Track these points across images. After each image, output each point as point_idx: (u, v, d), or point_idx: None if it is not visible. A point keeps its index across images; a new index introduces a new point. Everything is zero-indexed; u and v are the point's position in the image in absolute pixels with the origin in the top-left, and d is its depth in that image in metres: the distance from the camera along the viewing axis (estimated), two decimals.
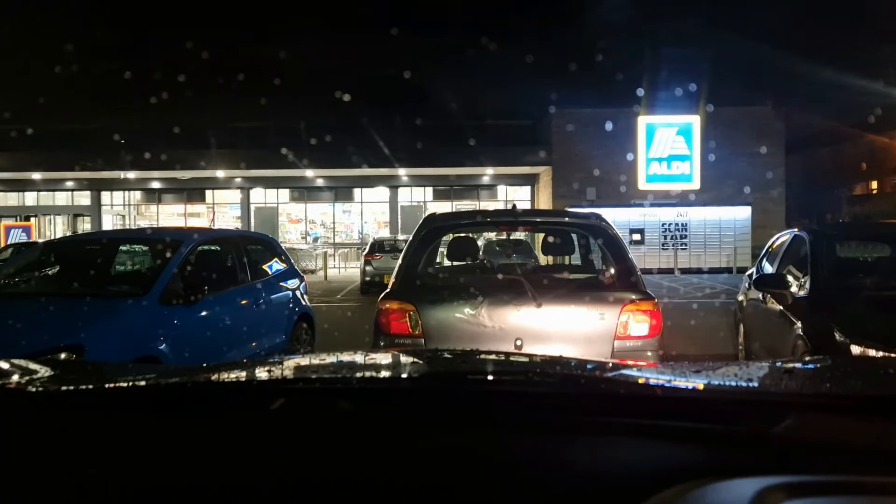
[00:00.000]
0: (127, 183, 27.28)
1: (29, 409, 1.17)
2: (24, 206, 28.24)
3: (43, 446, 1.04)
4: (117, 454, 1.00)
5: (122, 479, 0.95)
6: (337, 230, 28.91)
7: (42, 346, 4.19)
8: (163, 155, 22.72)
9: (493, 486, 0.92)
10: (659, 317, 4.26)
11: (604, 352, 4.16)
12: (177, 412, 1.12)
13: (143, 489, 0.93)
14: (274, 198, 28.54)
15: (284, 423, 1.06)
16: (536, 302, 4.16)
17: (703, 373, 1.31)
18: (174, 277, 5.37)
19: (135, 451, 1.01)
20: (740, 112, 23.22)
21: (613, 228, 4.79)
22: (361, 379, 1.30)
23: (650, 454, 0.96)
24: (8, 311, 5.01)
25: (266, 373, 1.39)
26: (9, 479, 0.96)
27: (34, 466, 0.99)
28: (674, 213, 22.74)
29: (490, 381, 1.30)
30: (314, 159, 23.18)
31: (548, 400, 1.13)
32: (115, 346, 4.57)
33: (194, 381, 1.29)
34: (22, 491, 0.94)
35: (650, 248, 22.44)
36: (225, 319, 5.95)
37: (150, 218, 28.74)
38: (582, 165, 22.98)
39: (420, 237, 4.78)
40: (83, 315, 4.79)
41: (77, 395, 1.21)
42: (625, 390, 1.22)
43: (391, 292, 4.45)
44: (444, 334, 4.23)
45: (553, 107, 23.75)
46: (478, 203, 27.86)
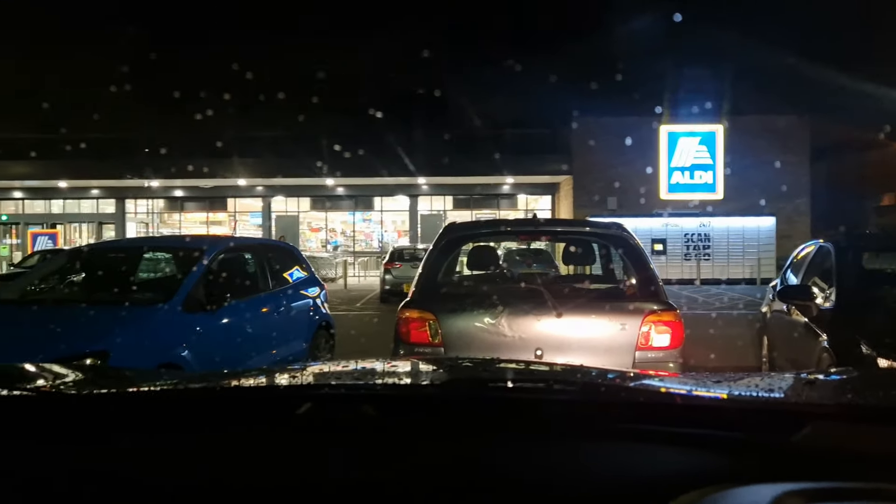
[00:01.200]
0: (150, 191, 27.63)
1: (57, 412, 1.19)
2: (50, 213, 28.69)
3: (71, 448, 1.05)
4: (144, 456, 1.01)
5: (149, 481, 0.96)
6: (357, 239, 29.03)
7: (68, 352, 4.24)
8: (188, 165, 23.01)
9: (514, 492, 0.92)
10: (681, 328, 4.22)
11: (625, 362, 4.12)
12: (204, 417, 1.13)
13: (170, 490, 0.94)
14: (295, 206, 28.74)
15: (310, 428, 1.07)
16: (557, 312, 4.15)
17: (724, 383, 1.30)
18: (197, 285, 5.43)
19: (162, 454, 1.02)
20: (764, 121, 22.99)
21: (635, 238, 4.76)
22: (385, 385, 1.31)
23: (669, 460, 0.96)
24: (35, 317, 5.10)
25: (291, 378, 1.41)
26: (37, 480, 0.97)
27: (63, 467, 1.00)
28: (696, 222, 22.56)
29: (511, 388, 1.31)
30: (335, 168, 23.32)
31: (568, 407, 1.13)
32: (139, 353, 4.62)
33: (222, 386, 1.31)
34: (51, 491, 0.95)
35: (672, 258, 22.27)
36: (246, 327, 5.99)
37: (172, 226, 29.05)
38: (603, 175, 22.87)
39: (440, 246, 4.79)
40: (108, 322, 4.86)
41: (105, 400, 1.23)
42: (645, 398, 1.22)
43: (411, 301, 4.46)
44: (464, 343, 4.22)
45: (574, 116, 23.70)
46: (498, 212, 27.82)
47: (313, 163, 22.83)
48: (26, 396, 1.26)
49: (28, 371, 1.45)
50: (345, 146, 22.03)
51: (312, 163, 22.84)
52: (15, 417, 1.16)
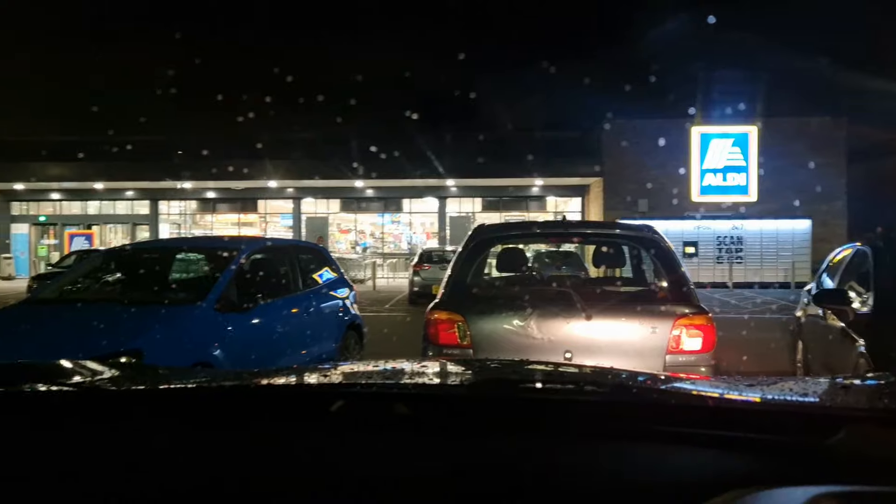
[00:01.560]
0: (183, 193, 28.05)
1: (94, 407, 1.22)
2: (86, 214, 29.27)
3: (108, 443, 1.07)
4: (179, 451, 1.03)
5: (184, 475, 0.98)
6: (386, 240, 29.16)
7: (103, 351, 4.32)
8: (220, 167, 23.36)
9: (543, 492, 0.92)
10: (713, 331, 4.17)
11: (655, 366, 4.09)
12: (238, 413, 1.15)
13: (205, 484, 0.96)
14: (324, 208, 28.96)
15: (343, 425, 1.08)
16: (586, 314, 4.12)
17: (757, 386, 1.29)
18: (229, 285, 5.50)
19: (196, 449, 1.04)
20: (799, 122, 22.58)
21: (666, 241, 4.72)
22: (416, 385, 1.32)
23: (701, 462, 0.95)
24: (72, 316, 5.21)
25: (323, 377, 1.42)
26: (75, 472, 1.00)
27: (99, 461, 1.03)
28: (729, 225, 22.25)
29: (541, 389, 1.31)
30: (365, 170, 23.47)
31: (599, 408, 1.13)
32: (173, 352, 4.70)
33: (256, 384, 1.33)
34: (89, 484, 0.98)
35: (704, 261, 22.00)
36: (277, 327, 6.06)
37: (204, 227, 29.44)
38: (634, 177, 22.67)
39: (469, 248, 4.79)
40: (142, 321, 4.95)
41: (141, 396, 1.25)
42: (676, 400, 1.21)
43: (440, 303, 4.46)
44: (493, 345, 4.22)
45: (604, 117, 23.53)
46: (527, 214, 27.72)
47: (343, 165, 23.00)
48: (65, 392, 1.29)
49: (66, 368, 1.49)
50: (375, 148, 22.16)
51: (342, 165, 23.02)
52: (54, 412, 1.19)
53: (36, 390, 1.25)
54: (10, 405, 1.20)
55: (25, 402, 1.22)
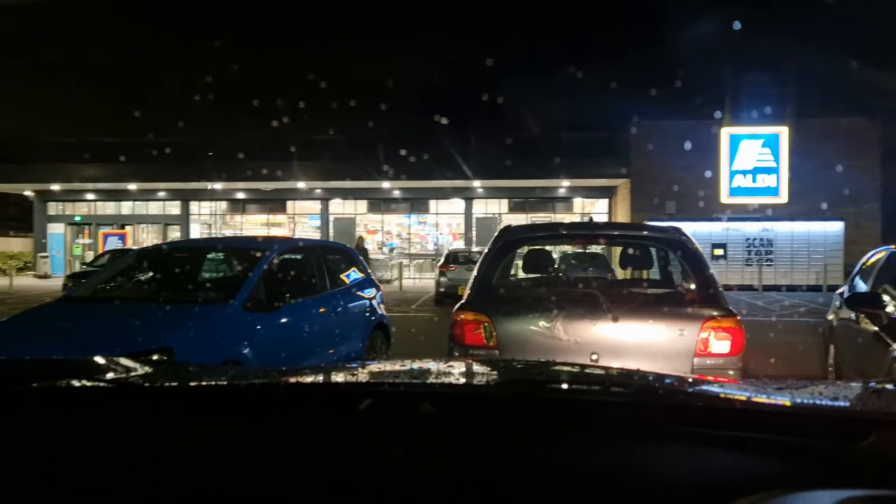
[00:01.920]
0: (214, 194, 28.42)
1: (127, 403, 1.25)
2: (119, 214, 29.80)
3: (142, 438, 1.10)
4: (211, 448, 1.06)
5: (215, 471, 1.00)
6: (412, 241, 29.22)
7: (135, 348, 4.40)
8: (251, 168, 23.63)
9: (568, 491, 0.93)
10: (741, 334, 4.13)
11: (683, 369, 4.06)
12: (268, 410, 1.18)
13: (234, 481, 0.98)
14: (352, 209, 29.12)
15: (371, 423, 1.10)
16: (613, 316, 4.11)
17: (786, 390, 1.28)
18: (258, 285, 5.57)
19: (227, 445, 1.06)
20: (831, 122, 22.17)
21: (694, 242, 4.68)
22: (442, 384, 1.34)
23: (728, 463, 0.95)
24: (106, 314, 5.31)
25: (351, 376, 1.45)
26: (111, 467, 1.03)
27: (134, 456, 1.06)
28: (758, 227, 21.92)
29: (567, 389, 1.31)
30: (392, 171, 23.56)
31: (625, 409, 1.14)
32: (203, 350, 4.77)
33: (285, 381, 1.35)
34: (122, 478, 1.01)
35: (733, 263, 21.71)
36: (304, 326, 6.12)
37: (234, 227, 29.78)
38: (661, 178, 22.45)
39: (495, 249, 4.79)
40: (173, 320, 5.03)
41: (175, 392, 1.29)
42: (703, 402, 1.21)
43: (466, 303, 4.47)
44: (519, 346, 4.22)
45: (631, 119, 23.35)
46: (553, 216, 27.59)
47: (371, 166, 23.12)
48: (100, 387, 1.32)
49: (100, 364, 1.52)
50: (402, 150, 22.24)
51: (370, 166, 23.14)
52: (89, 407, 1.22)
53: (71, 386, 1.29)
54: (45, 400, 1.24)
55: (61, 397, 1.25)
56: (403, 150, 22.09)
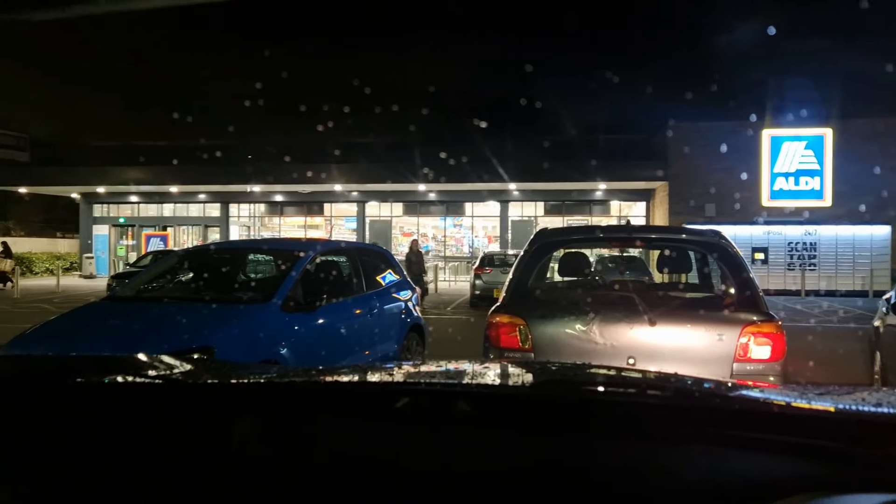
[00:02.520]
0: (252, 196, 28.87)
1: (170, 398, 1.28)
2: (162, 216, 30.46)
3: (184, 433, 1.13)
4: (253, 444, 1.08)
5: (257, 467, 1.03)
6: (447, 244, 29.27)
7: (176, 347, 4.49)
8: (289, 171, 23.95)
9: (603, 491, 0.93)
10: (782, 340, 4.05)
11: (722, 374, 4.00)
12: (307, 408, 1.20)
13: (276, 476, 1.01)
14: (388, 211, 29.30)
15: (407, 421, 1.12)
16: (650, 320, 4.07)
17: (827, 395, 1.26)
18: (296, 286, 5.64)
19: (268, 443, 1.09)
20: (877, 123, 21.55)
21: (734, 246, 4.61)
22: (479, 384, 1.35)
23: (765, 466, 0.95)
24: (148, 314, 5.44)
25: (388, 375, 1.47)
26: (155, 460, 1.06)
27: (176, 449, 1.09)
28: (801, 230, 21.44)
29: (603, 391, 1.31)
30: (428, 174, 23.65)
31: (661, 411, 1.13)
32: (242, 349, 4.85)
33: (324, 380, 1.38)
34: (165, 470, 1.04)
35: (774, 267, 21.28)
36: (341, 327, 6.18)
37: (272, 229, 30.20)
38: (700, 181, 22.12)
39: (531, 252, 4.78)
40: (213, 319, 5.13)
41: (216, 389, 1.32)
42: (740, 405, 1.20)
43: (501, 306, 4.47)
44: (555, 349, 4.20)
45: (670, 121, 23.05)
46: (590, 218, 27.40)
47: (407, 169, 23.25)
48: (144, 383, 1.36)
49: (143, 361, 1.56)
50: (438, 152, 22.31)
51: (406, 169, 23.27)
52: (133, 401, 1.26)
53: (115, 381, 1.33)
54: (91, 395, 1.28)
55: (106, 392, 1.29)
56: (440, 153, 22.15)
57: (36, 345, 4.80)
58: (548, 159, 23.02)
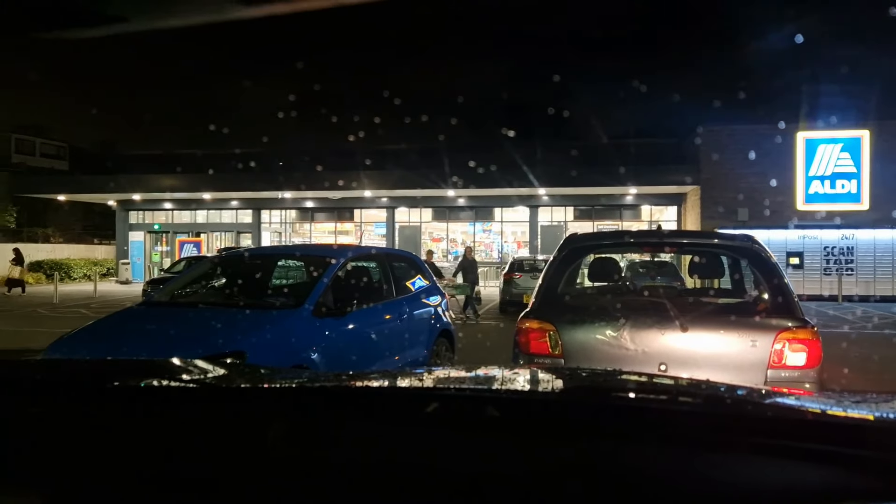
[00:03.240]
0: (284, 202, 29.19)
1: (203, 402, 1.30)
2: (195, 223, 30.94)
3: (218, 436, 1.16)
4: (284, 448, 1.10)
5: (290, 470, 1.05)
6: (477, 249, 29.24)
7: (210, 351, 4.57)
8: (319, 178, 24.18)
9: (632, 499, 0.93)
10: (818, 346, 3.98)
11: (756, 381, 3.94)
12: (338, 412, 1.21)
13: (308, 480, 1.02)
14: (417, 216, 29.39)
15: (437, 425, 1.13)
16: (682, 326, 4.02)
17: (864, 403, 1.24)
18: (326, 291, 5.69)
19: (300, 447, 1.10)
20: None
21: (767, 251, 4.54)
22: (508, 390, 1.35)
23: (800, 475, 0.93)
24: (182, 319, 5.53)
25: (418, 380, 1.48)
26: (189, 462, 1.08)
27: (211, 453, 1.11)
28: (838, 234, 20.98)
29: (634, 398, 1.30)
30: (457, 179, 23.69)
31: (692, 418, 1.12)
32: (273, 354, 4.91)
33: (355, 384, 1.39)
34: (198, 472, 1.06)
35: (810, 273, 20.85)
36: (370, 332, 6.22)
37: (303, 235, 30.47)
38: (733, 185, 21.80)
39: (561, 257, 4.76)
40: (245, 324, 5.20)
41: (250, 393, 1.34)
42: (773, 413, 1.18)
43: (531, 311, 4.46)
44: (585, 355, 4.18)
45: (701, 124, 22.78)
46: (620, 223, 27.17)
47: (436, 175, 23.31)
48: (179, 387, 1.39)
49: (177, 365, 1.59)
50: (467, 158, 22.34)
51: (435, 175, 23.33)
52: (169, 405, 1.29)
53: (150, 385, 1.36)
54: (127, 398, 1.31)
55: (142, 396, 1.32)
56: (469, 159, 22.17)
57: (75, 348, 4.91)
58: (578, 164, 22.91)
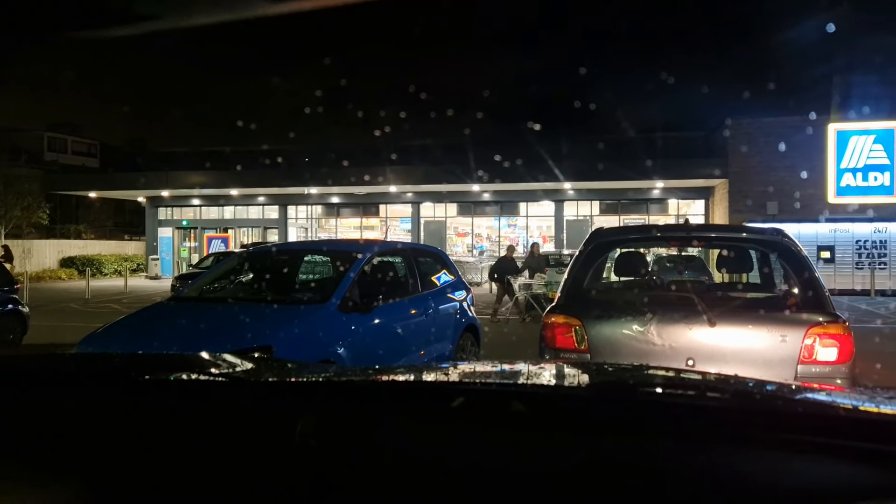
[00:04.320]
0: (310, 198, 29.39)
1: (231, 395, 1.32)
2: (222, 219, 31.29)
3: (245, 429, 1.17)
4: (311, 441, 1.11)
5: (316, 464, 1.06)
6: (502, 244, 29.17)
7: (239, 346, 4.61)
8: (344, 173, 24.30)
9: (660, 494, 0.92)
10: (850, 342, 3.91)
11: (786, 377, 3.89)
12: (365, 406, 1.22)
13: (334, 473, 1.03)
14: (442, 212, 29.40)
15: (463, 420, 1.13)
16: (710, 320, 3.98)
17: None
18: (352, 286, 5.72)
19: (327, 440, 1.11)
20: None
21: (797, 244, 4.47)
22: (534, 385, 1.35)
23: (830, 472, 0.92)
24: (210, 314, 5.60)
25: (444, 375, 1.48)
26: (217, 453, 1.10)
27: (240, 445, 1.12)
28: (870, 228, 20.58)
29: (661, 393, 1.29)
30: (482, 174, 23.66)
31: (721, 414, 1.11)
32: (299, 349, 4.95)
33: (381, 378, 1.40)
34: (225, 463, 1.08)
35: (841, 267, 20.50)
36: (396, 327, 6.24)
37: (329, 230, 30.66)
38: (761, 178, 21.47)
39: (587, 252, 4.73)
40: (272, 319, 5.25)
41: (278, 387, 1.36)
42: (804, 409, 1.17)
43: (557, 306, 4.44)
44: (611, 350, 4.15)
45: (729, 117, 22.45)
46: (647, 218, 26.91)
47: (461, 170, 23.29)
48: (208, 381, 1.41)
49: (206, 359, 1.62)
50: (492, 153, 22.28)
51: (461, 170, 23.31)
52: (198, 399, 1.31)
53: (180, 378, 1.38)
54: (158, 391, 1.33)
55: (172, 389, 1.34)
56: (494, 154, 22.11)
57: (106, 342, 5.01)
58: (604, 158, 22.72)
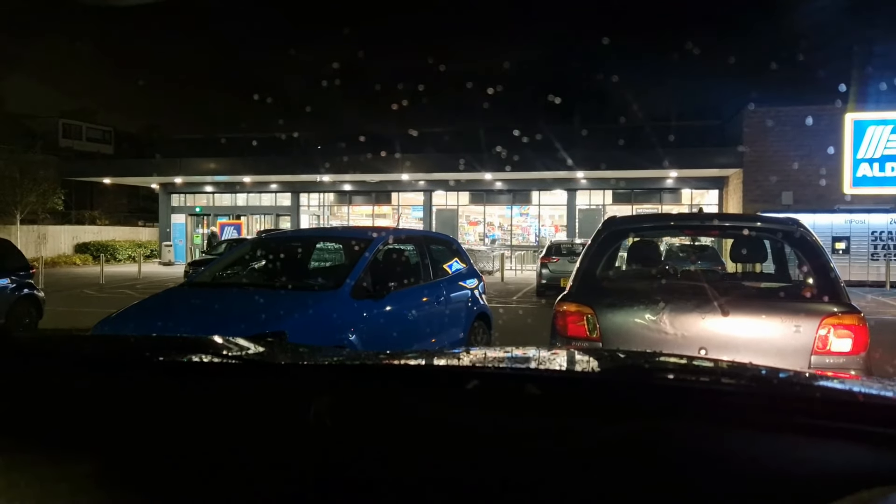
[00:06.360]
0: (322, 186, 29.45)
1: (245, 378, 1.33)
2: (235, 206, 31.43)
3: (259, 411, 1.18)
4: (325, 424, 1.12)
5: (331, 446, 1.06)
6: (514, 233, 29.14)
7: (250, 331, 4.65)
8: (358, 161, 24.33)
9: (674, 477, 0.92)
10: (865, 332, 3.88)
11: (799, 367, 3.86)
12: (379, 389, 1.23)
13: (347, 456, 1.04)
14: (454, 200, 29.37)
15: (477, 403, 1.13)
16: (723, 310, 3.96)
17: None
18: (364, 273, 5.74)
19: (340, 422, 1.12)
20: None
21: (812, 235, 4.43)
22: (548, 369, 1.35)
23: (847, 456, 0.92)
24: (223, 299, 5.63)
25: (457, 359, 1.48)
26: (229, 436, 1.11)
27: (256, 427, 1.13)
28: (886, 219, 20.38)
29: (675, 377, 1.29)
30: (494, 163, 23.60)
31: (736, 398, 1.11)
32: (311, 335, 4.97)
33: (395, 362, 1.41)
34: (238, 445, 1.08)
35: (857, 258, 20.32)
36: (408, 314, 6.26)
37: (341, 218, 30.73)
38: (777, 168, 21.28)
39: (599, 240, 4.72)
40: (285, 305, 5.28)
41: (290, 369, 1.36)
42: (821, 394, 1.16)
43: (569, 294, 4.43)
44: (623, 339, 4.15)
45: (744, 105, 22.24)
46: (660, 207, 26.78)
47: (474, 158, 23.24)
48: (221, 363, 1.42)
49: (219, 343, 1.63)
50: (504, 141, 22.21)
51: (473, 158, 23.27)
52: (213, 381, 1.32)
53: (194, 361, 1.39)
54: (173, 373, 1.34)
55: (187, 371, 1.35)
56: (507, 142, 22.03)
57: (121, 327, 5.05)
58: (616, 147, 22.60)
